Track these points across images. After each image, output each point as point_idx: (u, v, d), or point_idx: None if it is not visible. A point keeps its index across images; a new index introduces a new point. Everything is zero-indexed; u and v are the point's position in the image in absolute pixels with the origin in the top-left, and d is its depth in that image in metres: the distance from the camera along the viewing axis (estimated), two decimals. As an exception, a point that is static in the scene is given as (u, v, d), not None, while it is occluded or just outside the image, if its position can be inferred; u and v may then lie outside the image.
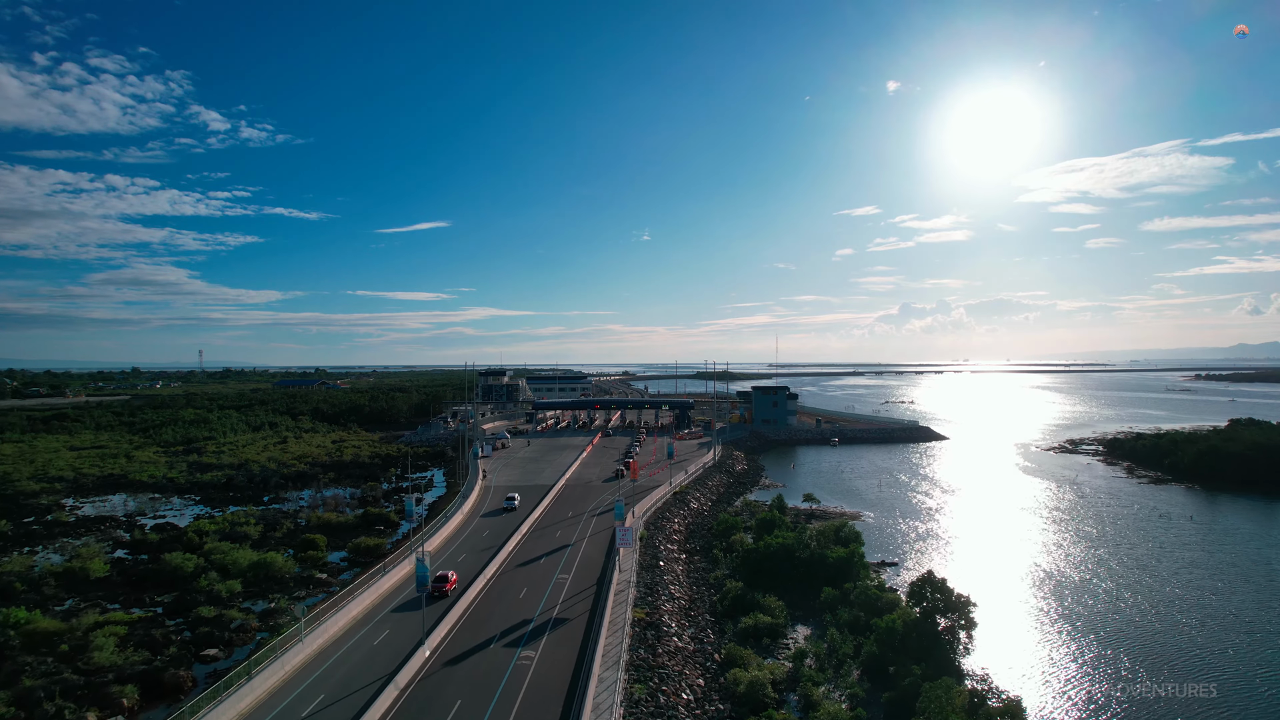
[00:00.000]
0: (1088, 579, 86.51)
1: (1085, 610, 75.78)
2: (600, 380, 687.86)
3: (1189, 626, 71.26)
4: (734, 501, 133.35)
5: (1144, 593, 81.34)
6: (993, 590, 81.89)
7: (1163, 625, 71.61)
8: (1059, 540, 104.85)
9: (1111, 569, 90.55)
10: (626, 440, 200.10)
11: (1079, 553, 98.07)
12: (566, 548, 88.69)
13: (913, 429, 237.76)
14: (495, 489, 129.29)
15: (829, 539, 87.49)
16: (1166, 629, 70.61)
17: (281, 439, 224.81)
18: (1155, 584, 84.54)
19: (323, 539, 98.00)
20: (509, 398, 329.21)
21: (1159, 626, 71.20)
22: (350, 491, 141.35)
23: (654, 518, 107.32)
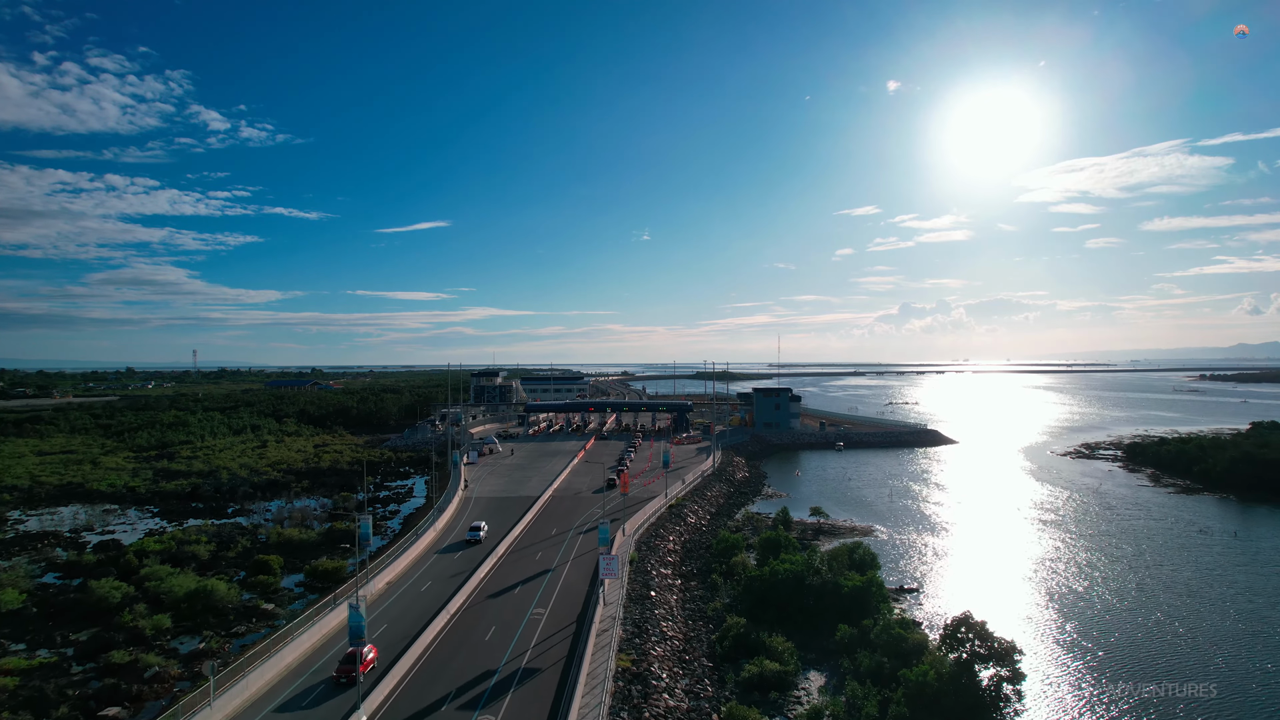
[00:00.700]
0: (1133, 610, 76.60)
1: (1141, 652, 65.87)
2: (598, 381, 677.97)
3: (1273, 667, 61.40)
4: (735, 514, 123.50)
5: (1202, 629, 71.43)
6: (1026, 623, 72.06)
7: (1237, 669, 61.70)
8: (1091, 561, 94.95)
9: (1157, 597, 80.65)
10: (621, 445, 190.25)
11: (1117, 577, 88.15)
12: (546, 573, 78.75)
13: (920, 433, 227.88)
14: (476, 501, 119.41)
15: (842, 563, 77.59)
16: (1244, 674, 60.70)
17: (261, 443, 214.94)
18: (1214, 616, 74.63)
19: (279, 560, 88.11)
20: (502, 399, 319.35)
21: (1233, 671, 61.29)
22: (322, 502, 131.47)
23: (647, 535, 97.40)
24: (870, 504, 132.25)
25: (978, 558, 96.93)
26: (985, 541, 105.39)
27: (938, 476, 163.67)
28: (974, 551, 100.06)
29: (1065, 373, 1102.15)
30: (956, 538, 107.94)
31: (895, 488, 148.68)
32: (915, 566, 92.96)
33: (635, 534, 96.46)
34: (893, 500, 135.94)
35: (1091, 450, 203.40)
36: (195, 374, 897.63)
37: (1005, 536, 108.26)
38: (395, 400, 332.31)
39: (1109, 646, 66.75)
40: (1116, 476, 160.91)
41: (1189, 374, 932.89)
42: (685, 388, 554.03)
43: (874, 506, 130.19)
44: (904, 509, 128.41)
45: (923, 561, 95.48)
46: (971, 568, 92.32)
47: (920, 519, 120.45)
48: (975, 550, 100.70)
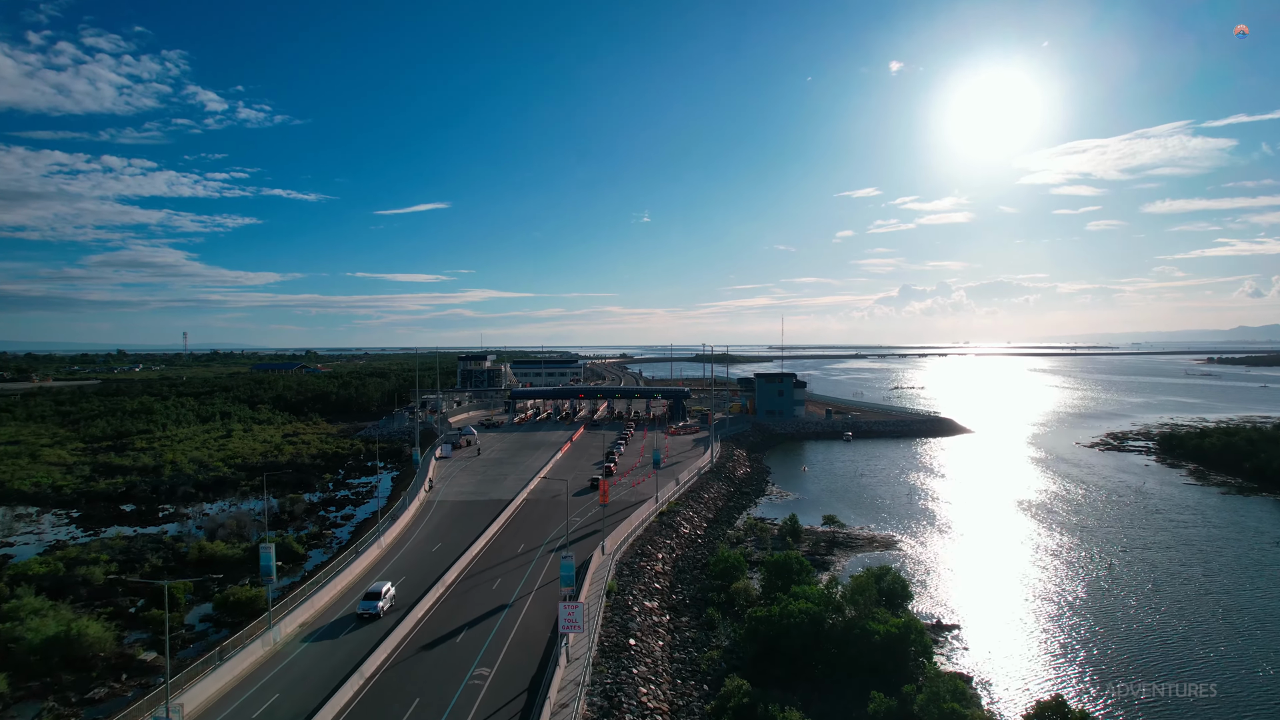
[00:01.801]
0: (1231, 656, 61.54)
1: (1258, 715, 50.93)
2: (595, 363, 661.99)
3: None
4: (735, 519, 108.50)
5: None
6: (1100, 674, 57.06)
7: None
8: (1158, 584, 79.90)
9: (1254, 636, 65.57)
10: (612, 436, 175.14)
11: (1196, 608, 73.09)
12: (502, 610, 63.59)
13: (933, 422, 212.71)
14: (439, 506, 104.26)
15: (869, 597, 62.35)
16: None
17: (226, 433, 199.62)
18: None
19: (186, 587, 73.09)
20: (490, 384, 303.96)
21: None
22: (271, 504, 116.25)
23: (631, 553, 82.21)
24: (888, 506, 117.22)
25: (1019, 579, 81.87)
26: (1024, 557, 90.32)
27: (957, 472, 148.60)
28: (1014, 570, 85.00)
29: (1067, 355, 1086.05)
30: (991, 552, 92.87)
31: (913, 486, 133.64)
32: (951, 591, 77.92)
33: (617, 551, 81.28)
34: (912, 501, 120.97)
35: (1120, 441, 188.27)
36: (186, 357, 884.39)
37: (1046, 550, 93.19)
38: (379, 385, 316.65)
39: (1220, 706, 51.75)
40: (1156, 473, 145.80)
41: (1195, 357, 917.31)
42: (683, 371, 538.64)
43: (892, 509, 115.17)
44: (926, 512, 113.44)
45: (958, 584, 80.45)
46: (1015, 592, 77.28)
47: (946, 526, 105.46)
48: (1015, 569, 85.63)
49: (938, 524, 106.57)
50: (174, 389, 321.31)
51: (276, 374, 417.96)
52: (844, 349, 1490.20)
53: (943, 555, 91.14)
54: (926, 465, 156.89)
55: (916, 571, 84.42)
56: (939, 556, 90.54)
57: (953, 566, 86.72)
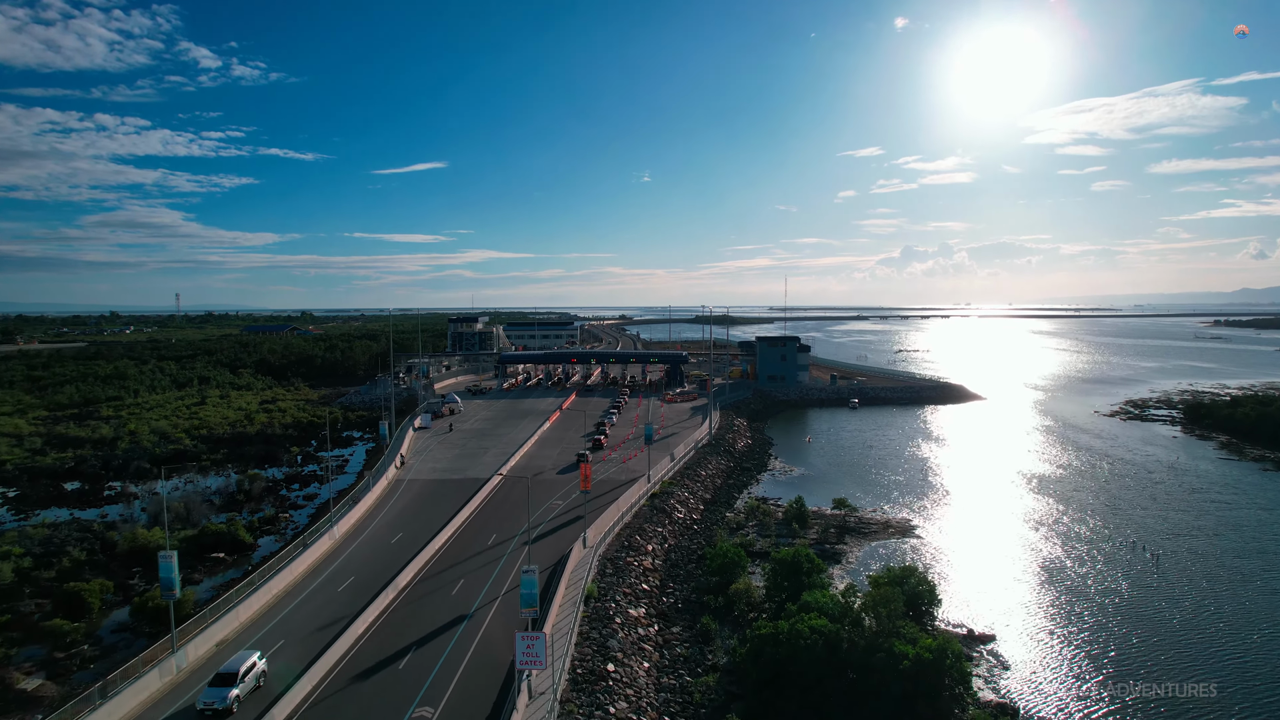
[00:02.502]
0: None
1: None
2: (593, 325, 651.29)
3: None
4: (735, 500, 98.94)
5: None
6: (1172, 711, 47.63)
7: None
8: (1213, 578, 70.39)
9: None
10: (605, 403, 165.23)
11: (1275, 614, 63.60)
12: (461, 623, 53.96)
13: (943, 388, 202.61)
14: (409, 485, 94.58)
15: (894, 608, 52.60)
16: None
17: (200, 399, 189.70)
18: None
19: (101, 587, 63.58)
20: (482, 346, 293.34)
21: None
22: (231, 481, 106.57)
23: (617, 545, 72.51)
24: (901, 484, 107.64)
25: (1054, 574, 72.34)
26: (1056, 546, 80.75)
27: (973, 444, 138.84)
28: (1047, 563, 75.46)
29: (1070, 317, 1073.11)
30: (1018, 539, 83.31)
31: (926, 460, 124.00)
32: (979, 590, 68.39)
33: (601, 543, 71.57)
34: (927, 478, 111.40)
35: (1140, 410, 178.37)
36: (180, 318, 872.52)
37: (1079, 537, 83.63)
38: (367, 348, 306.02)
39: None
40: (1185, 446, 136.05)
41: (1201, 319, 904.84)
42: (683, 333, 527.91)
43: (906, 488, 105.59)
44: (943, 491, 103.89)
45: (986, 580, 70.92)
46: (1052, 591, 67.75)
47: (966, 507, 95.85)
48: (1048, 561, 76.09)
49: (956, 505, 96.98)
50: (156, 352, 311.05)
51: (264, 336, 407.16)
52: (845, 310, 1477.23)
53: (965, 543, 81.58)
54: (939, 435, 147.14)
55: (938, 564, 74.93)
56: (961, 545, 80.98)
57: (978, 558, 77.18)
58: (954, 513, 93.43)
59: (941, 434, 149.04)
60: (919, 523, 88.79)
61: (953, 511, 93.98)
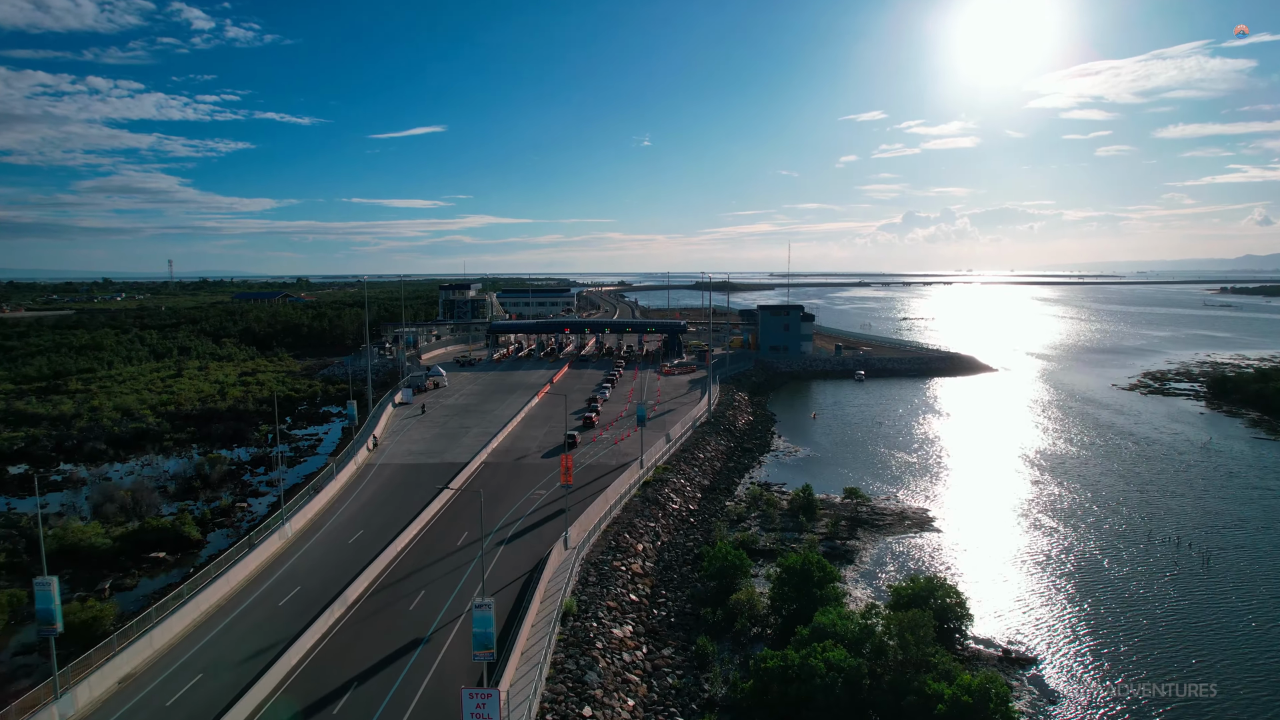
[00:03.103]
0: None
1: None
2: (591, 292, 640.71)
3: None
4: (735, 486, 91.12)
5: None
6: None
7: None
8: (1277, 586, 62.72)
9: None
10: (599, 376, 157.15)
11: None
12: (416, 649, 46.19)
13: (952, 360, 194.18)
14: (380, 470, 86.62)
15: (924, 633, 44.69)
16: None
17: (176, 371, 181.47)
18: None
19: (6, 600, 55.77)
20: (475, 314, 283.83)
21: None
22: (190, 464, 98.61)
23: (603, 545, 64.61)
24: (914, 467, 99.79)
25: (1093, 577, 64.62)
26: (1090, 541, 72.98)
27: (987, 420, 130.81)
28: (1083, 563, 67.73)
29: (1074, 284, 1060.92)
30: (1048, 534, 75.53)
31: (940, 438, 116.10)
32: (1012, 598, 60.66)
33: (585, 544, 63.66)
34: (942, 460, 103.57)
35: (1160, 383, 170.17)
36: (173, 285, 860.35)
37: (1115, 532, 75.87)
38: (356, 316, 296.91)
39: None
40: (1214, 423, 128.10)
41: (1207, 286, 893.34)
42: (682, 300, 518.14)
43: (920, 471, 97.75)
44: (959, 475, 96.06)
45: (1018, 584, 63.19)
46: (1094, 599, 60.06)
47: (985, 493, 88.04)
48: (1084, 560, 68.36)
49: (975, 491, 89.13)
50: (140, 321, 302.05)
51: (252, 304, 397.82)
52: (847, 276, 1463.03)
53: (988, 538, 73.84)
54: (951, 411, 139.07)
55: (961, 564, 67.24)
56: (985, 541, 73.24)
57: (1004, 556, 69.45)
58: (973, 501, 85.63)
59: (953, 410, 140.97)
60: (936, 513, 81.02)
61: (971, 499, 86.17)
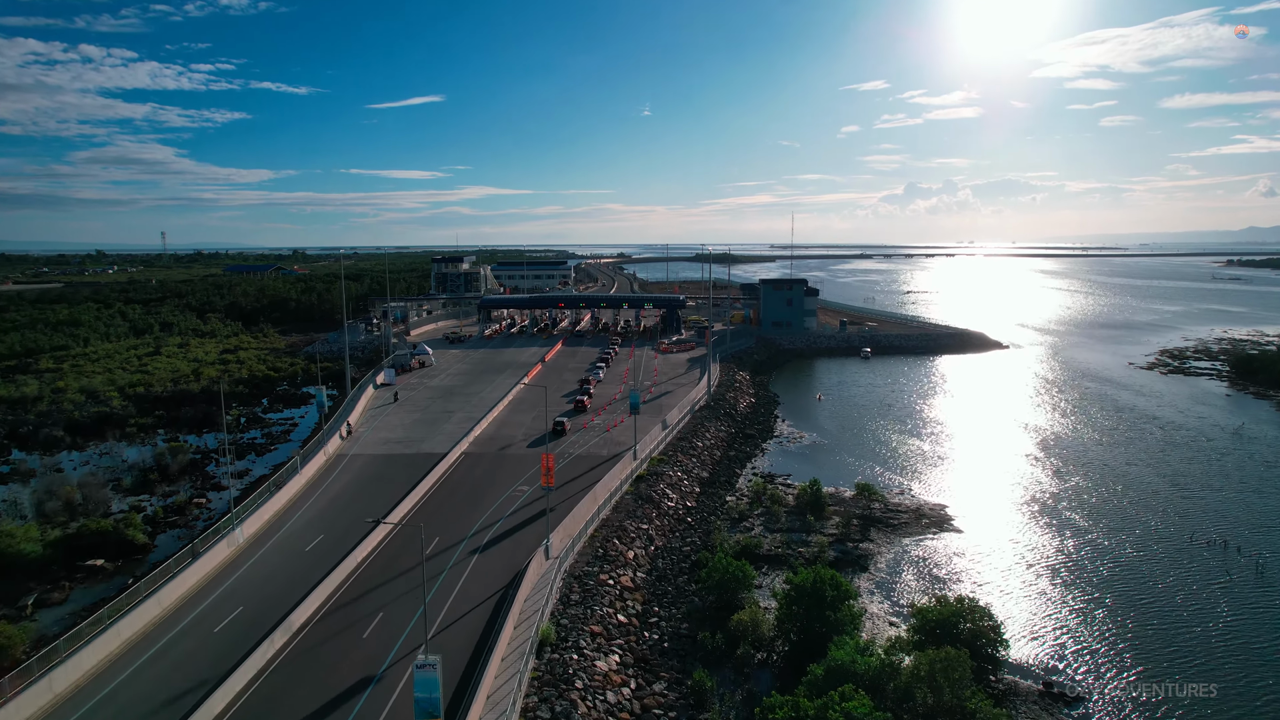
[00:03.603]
0: None
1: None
2: (590, 264, 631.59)
3: None
4: (736, 478, 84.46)
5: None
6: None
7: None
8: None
9: None
10: (593, 354, 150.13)
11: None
12: (366, 688, 39.57)
13: (962, 336, 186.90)
14: (351, 461, 79.94)
15: (959, 676, 38.07)
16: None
17: (154, 349, 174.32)
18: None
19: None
20: (468, 288, 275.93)
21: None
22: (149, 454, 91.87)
23: (589, 554, 57.95)
24: (928, 456, 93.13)
25: (1134, 583, 58.11)
26: (1123, 543, 66.43)
27: (1001, 402, 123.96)
28: (1119, 566, 61.20)
29: (1078, 257, 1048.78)
30: (1077, 531, 68.96)
31: (952, 423, 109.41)
32: (1043, 612, 54.14)
33: (569, 552, 57.03)
34: (957, 448, 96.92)
35: (1179, 361, 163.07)
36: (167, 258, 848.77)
37: (1150, 532, 69.31)
38: (347, 290, 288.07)
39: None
40: (1242, 406, 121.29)
41: (1213, 259, 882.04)
42: (681, 272, 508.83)
43: (935, 461, 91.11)
44: (978, 465, 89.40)
45: (1051, 596, 56.67)
46: (1136, 611, 53.56)
47: (1005, 486, 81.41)
48: (1119, 563, 61.83)
49: (994, 484, 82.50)
50: (125, 295, 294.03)
51: (242, 277, 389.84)
52: (849, 248, 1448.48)
53: (1014, 541, 67.28)
54: (962, 392, 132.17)
55: (986, 572, 60.73)
56: (1010, 543, 66.68)
57: (1034, 562, 62.91)
58: (992, 495, 79.03)
59: (964, 390, 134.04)
60: (954, 509, 74.41)
61: (991, 493, 79.57)
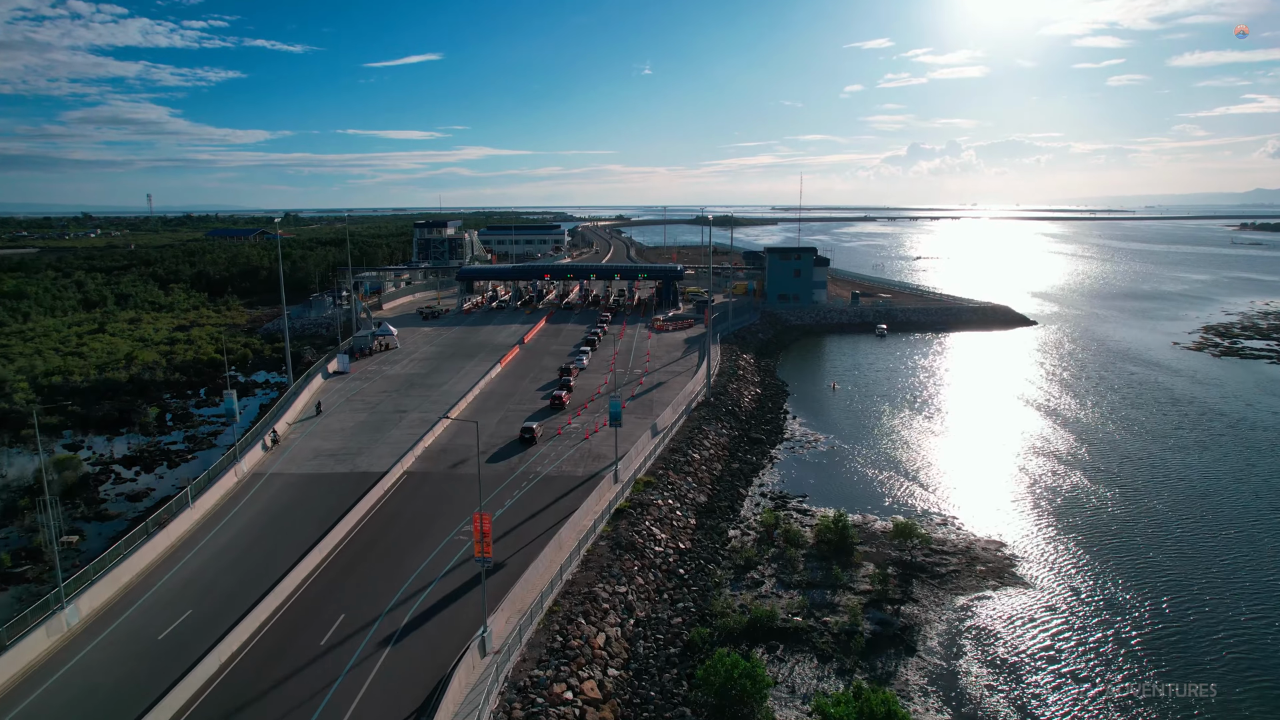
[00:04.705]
0: None
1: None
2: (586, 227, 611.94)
3: None
4: (741, 504, 69.46)
5: None
6: None
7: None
8: None
9: None
10: (580, 332, 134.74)
11: None
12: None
13: (985, 311, 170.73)
14: (268, 483, 64.77)
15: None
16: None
17: (99, 325, 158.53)
18: None
19: None
20: (453, 255, 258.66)
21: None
22: (28, 469, 76.64)
23: (539, 649, 42.86)
24: (969, 467, 77.99)
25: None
26: (1258, 605, 51.66)
27: (1042, 391, 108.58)
28: (1265, 652, 46.52)
29: (1085, 219, 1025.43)
30: (1181, 583, 54.12)
31: (990, 417, 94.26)
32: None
33: (517, 642, 41.97)
34: (999, 452, 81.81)
35: (1229, 340, 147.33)
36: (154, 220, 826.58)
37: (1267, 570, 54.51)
38: (324, 257, 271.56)
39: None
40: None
41: (1226, 222, 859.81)
42: (680, 236, 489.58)
43: (978, 474, 76.01)
44: (1026, 477, 74.32)
45: (1178, 707, 42.00)
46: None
47: (1073, 513, 66.42)
48: (1264, 648, 47.14)
49: (1056, 510, 67.45)
50: (88, 262, 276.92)
51: (215, 242, 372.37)
52: (852, 210, 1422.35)
53: (1103, 603, 52.45)
54: (993, 379, 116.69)
55: (1077, 659, 45.98)
56: (1100, 608, 51.84)
57: (1145, 643, 48.11)
58: (1054, 525, 64.06)
59: (995, 376, 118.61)
60: (1013, 548, 59.54)
61: (1054, 523, 64.59)
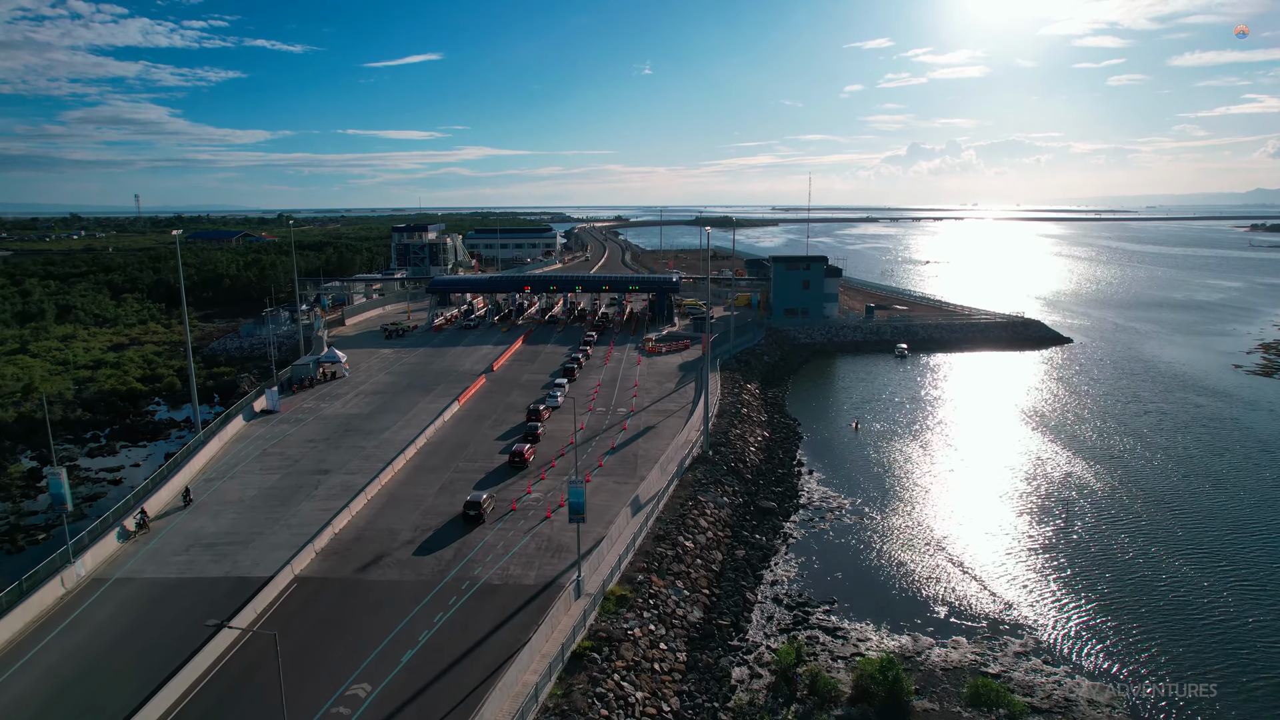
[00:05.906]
0: None
1: None
2: (584, 228, 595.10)
3: None
4: (747, 620, 52.49)
5: None
6: None
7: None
8: None
9: None
10: (560, 356, 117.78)
11: None
12: None
13: (1015, 326, 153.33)
14: (96, 606, 47.60)
15: None
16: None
17: (21, 345, 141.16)
18: None
19: None
20: (434, 262, 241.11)
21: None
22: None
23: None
24: (1048, 549, 60.87)
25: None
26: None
27: (1096, 427, 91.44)
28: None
29: (1087, 220, 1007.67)
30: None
31: (1052, 471, 77.14)
32: None
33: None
34: (1073, 515, 64.69)
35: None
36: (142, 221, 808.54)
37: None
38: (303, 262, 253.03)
39: None
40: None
41: (1235, 223, 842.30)
42: (679, 238, 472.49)
43: (1063, 559, 58.87)
44: (1119, 555, 57.22)
45: None
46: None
47: (1190, 612, 49.47)
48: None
49: (1162, 600, 50.41)
50: (45, 268, 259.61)
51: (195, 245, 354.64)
52: (853, 211, 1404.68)
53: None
54: (1040, 414, 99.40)
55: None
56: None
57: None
58: (1171, 647, 47.02)
59: (1041, 410, 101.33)
60: (1138, 698, 42.45)
61: (1167, 643, 47.56)
